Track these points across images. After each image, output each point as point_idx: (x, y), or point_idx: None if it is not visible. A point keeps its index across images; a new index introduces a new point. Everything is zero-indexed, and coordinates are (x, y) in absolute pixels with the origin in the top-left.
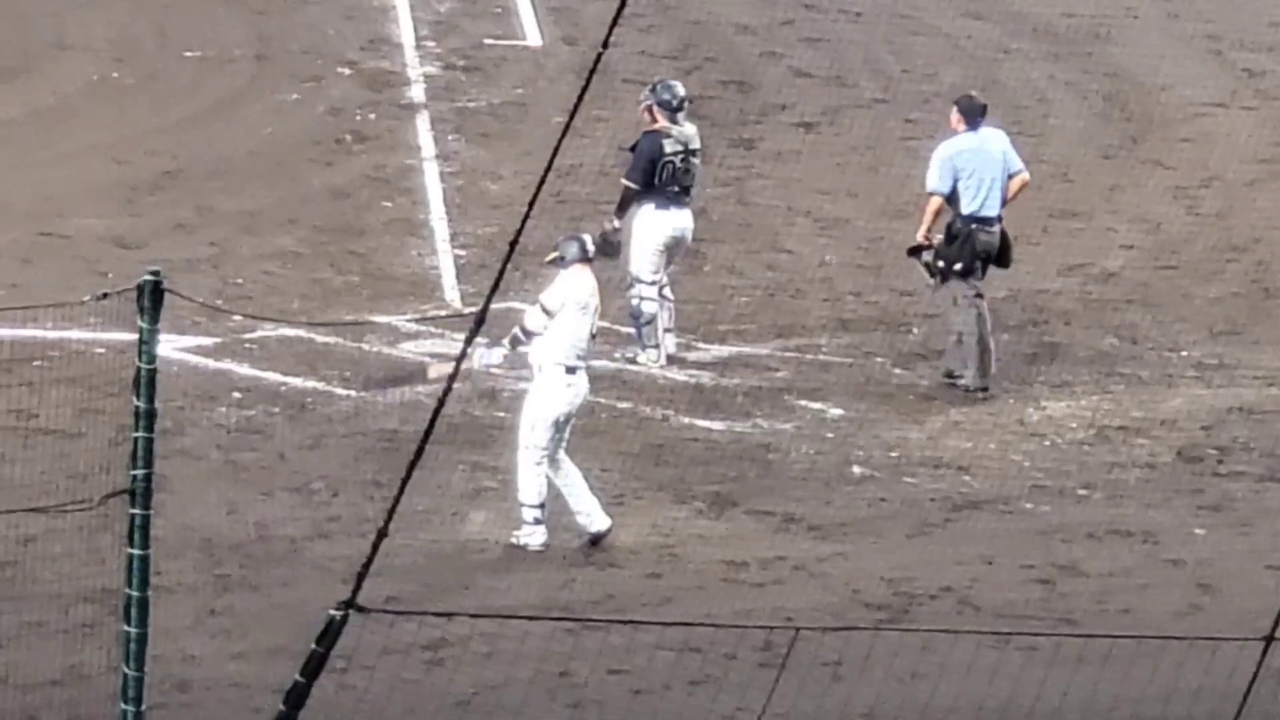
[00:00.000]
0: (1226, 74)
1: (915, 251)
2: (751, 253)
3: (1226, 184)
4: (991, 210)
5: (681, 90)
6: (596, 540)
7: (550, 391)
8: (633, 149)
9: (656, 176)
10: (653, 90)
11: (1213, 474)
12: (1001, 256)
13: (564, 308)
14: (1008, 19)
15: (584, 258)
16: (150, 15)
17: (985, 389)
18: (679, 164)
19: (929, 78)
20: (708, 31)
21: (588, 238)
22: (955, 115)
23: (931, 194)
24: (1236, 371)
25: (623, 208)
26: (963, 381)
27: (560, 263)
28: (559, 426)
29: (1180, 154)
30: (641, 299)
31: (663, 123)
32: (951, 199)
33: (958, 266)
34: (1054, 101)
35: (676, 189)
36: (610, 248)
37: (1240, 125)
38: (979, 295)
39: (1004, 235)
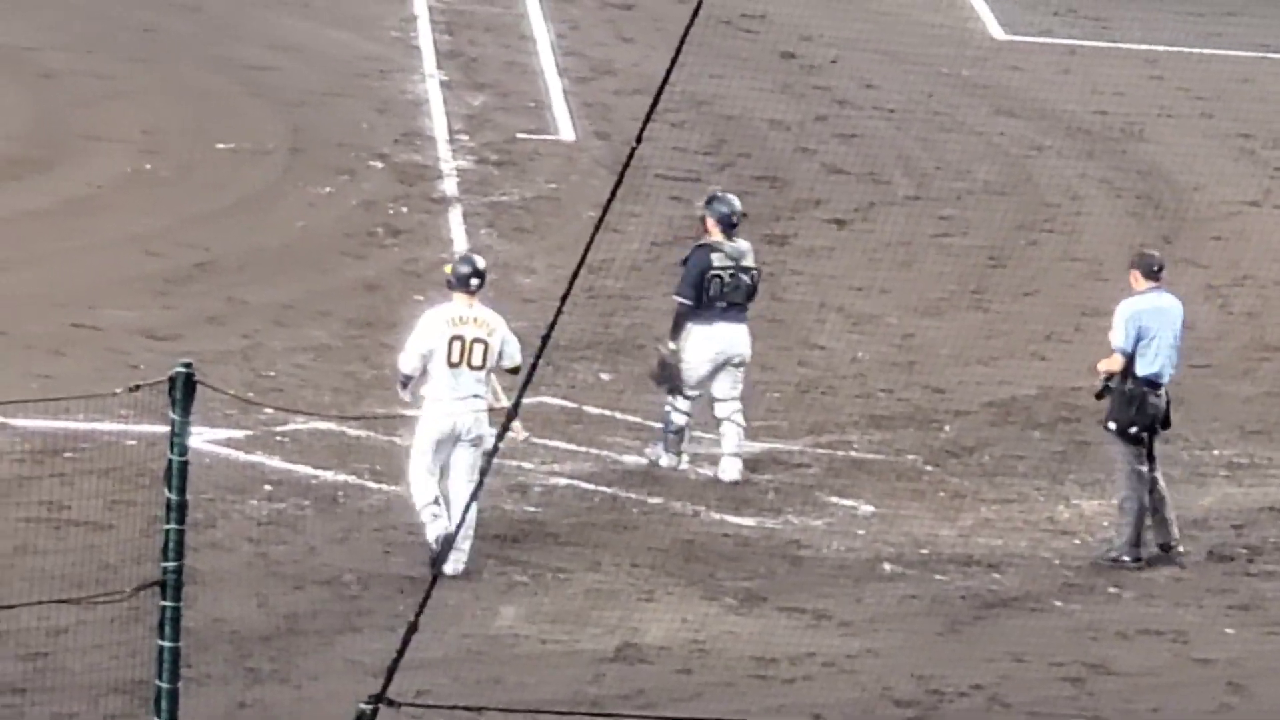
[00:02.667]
0: (1259, 173)
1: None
2: (783, 349)
3: (1259, 283)
4: (1165, 375)
5: (737, 204)
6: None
7: (421, 419)
8: (684, 263)
9: (704, 291)
10: (709, 202)
11: (1244, 573)
12: (1166, 419)
13: (424, 344)
14: (1040, 116)
15: (463, 286)
16: (184, 107)
17: (1139, 560)
18: (727, 278)
19: (962, 174)
20: (741, 127)
21: (480, 262)
22: (1134, 273)
23: (1117, 352)
24: (1268, 471)
25: (677, 327)
26: (1112, 553)
27: (447, 284)
28: (438, 448)
29: (1213, 252)
30: (673, 409)
31: (716, 236)
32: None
33: (1132, 430)
34: (1086, 199)
35: (725, 304)
36: (669, 372)
37: (1273, 224)
38: (1151, 459)
39: (1168, 397)
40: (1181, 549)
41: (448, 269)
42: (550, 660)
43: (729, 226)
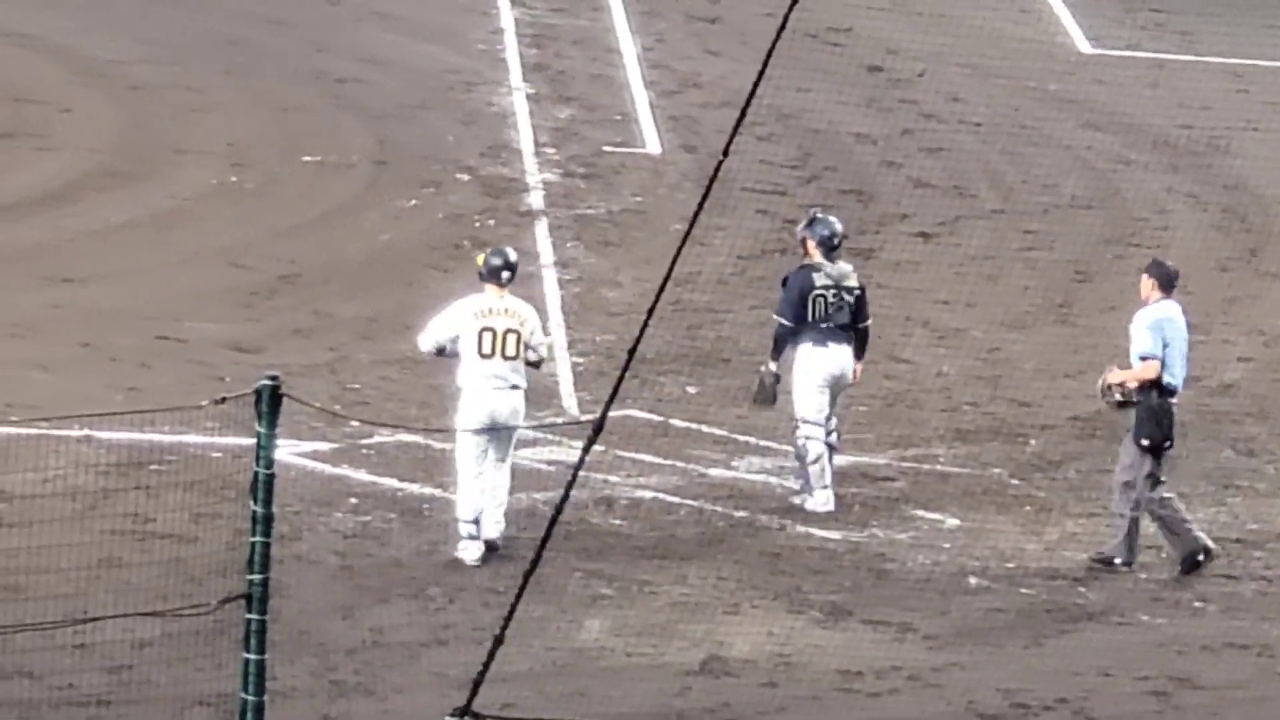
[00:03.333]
0: None
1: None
2: (869, 362)
3: None
4: (1180, 383)
5: (839, 227)
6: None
7: (460, 409)
8: (784, 283)
9: (809, 312)
10: (810, 224)
11: None
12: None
13: (446, 331)
14: (1127, 131)
15: (494, 278)
16: (270, 120)
17: (1129, 564)
18: (831, 299)
19: (1048, 188)
20: (827, 140)
21: (511, 255)
22: (1149, 283)
23: (1146, 359)
24: None
25: (777, 348)
26: (1106, 551)
27: (479, 275)
28: (477, 436)
29: None
30: (807, 439)
31: (817, 258)
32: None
33: (1166, 446)
34: (1172, 213)
35: (830, 325)
36: (767, 393)
37: None
38: (1160, 480)
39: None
40: (1217, 553)
41: (479, 260)
42: (635, 673)
43: (830, 248)
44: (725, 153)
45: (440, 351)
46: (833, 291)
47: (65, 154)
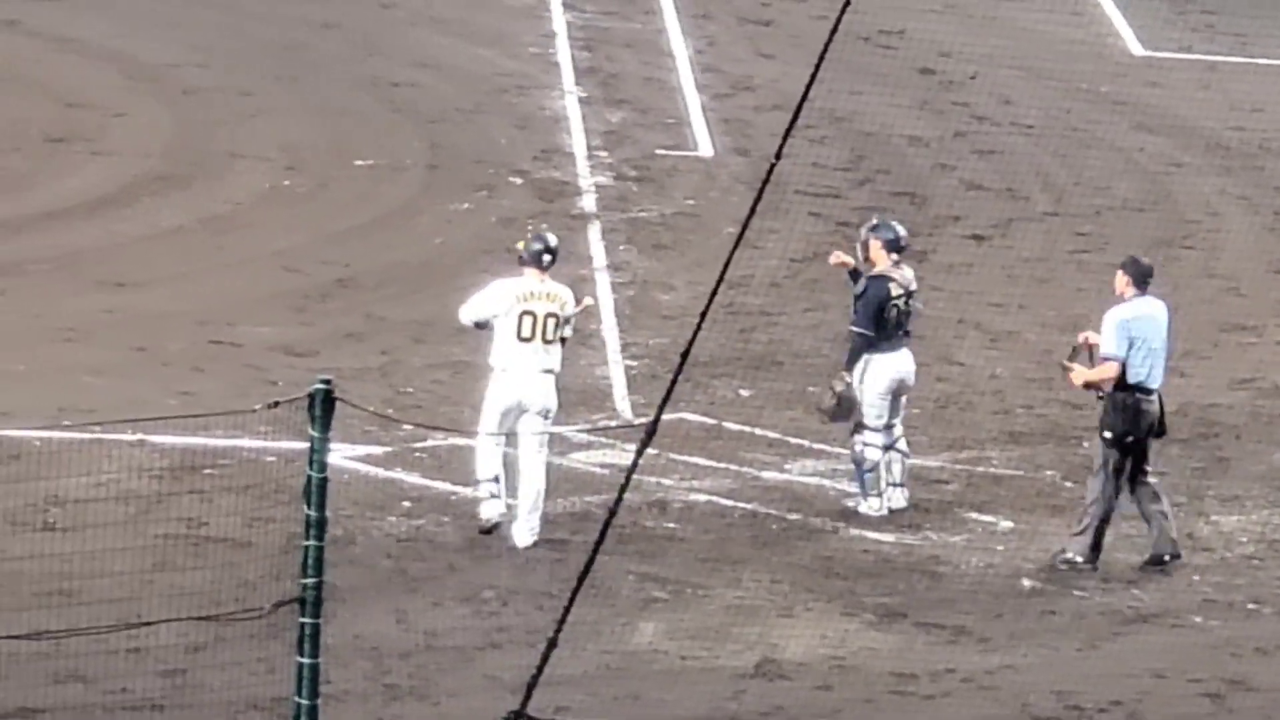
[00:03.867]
0: None
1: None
2: (922, 364)
3: None
4: (1155, 381)
5: (902, 230)
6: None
7: (490, 388)
8: (859, 295)
9: (885, 321)
10: (874, 228)
11: None
12: (1161, 427)
13: (487, 309)
14: (1179, 133)
15: (535, 262)
16: (322, 124)
17: (1093, 564)
18: (903, 306)
19: (1100, 191)
20: (880, 143)
21: (552, 239)
22: (1123, 279)
23: (1107, 359)
24: None
25: (854, 358)
26: (1067, 554)
27: (519, 260)
28: (504, 419)
29: None
30: (865, 445)
31: (885, 265)
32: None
33: (1128, 439)
34: (1224, 215)
35: (901, 332)
36: (846, 404)
37: None
38: (1145, 469)
39: (1161, 403)
40: (1181, 558)
41: (520, 245)
42: (689, 676)
43: (896, 250)
44: (778, 156)
45: (480, 325)
46: (904, 299)
47: (118, 158)
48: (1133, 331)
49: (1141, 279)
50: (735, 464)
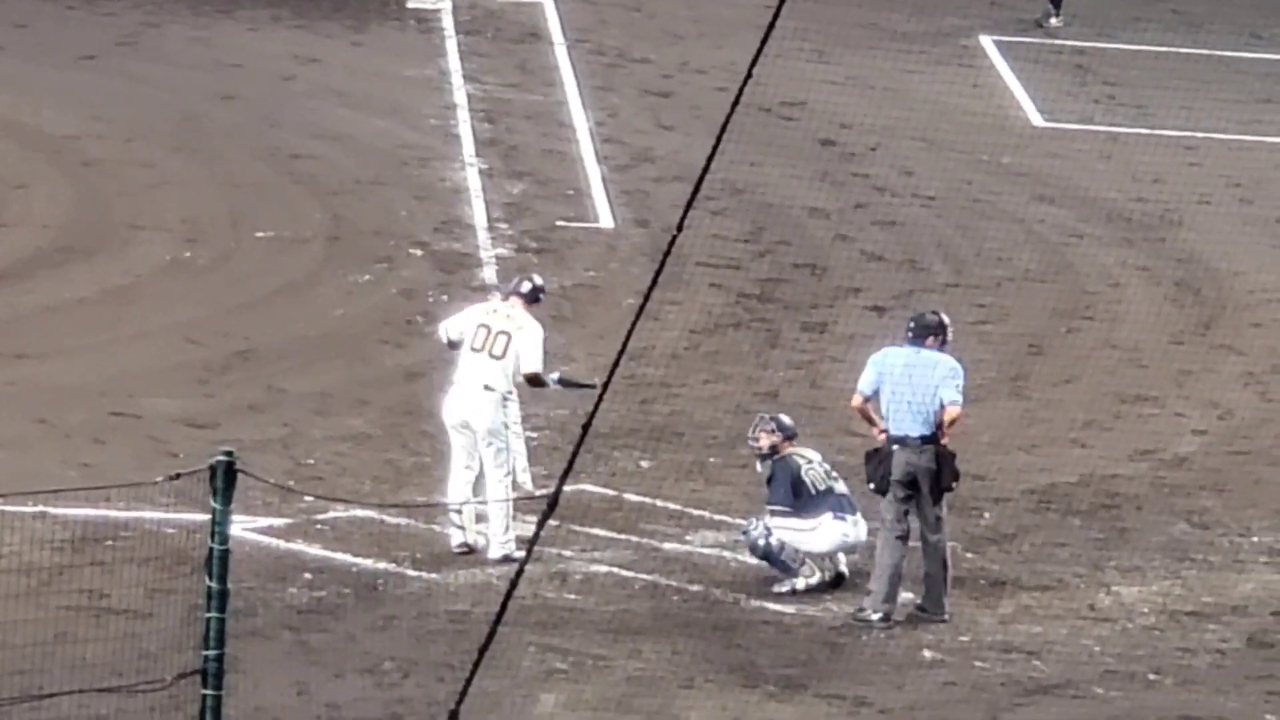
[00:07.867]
0: None
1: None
2: (822, 436)
3: None
4: (909, 433)
5: (788, 419)
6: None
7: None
8: (770, 480)
9: (804, 488)
10: (777, 426)
11: None
12: (937, 481)
13: (457, 326)
14: (1080, 204)
15: (512, 291)
16: (223, 196)
17: (887, 620)
18: (819, 469)
19: (1001, 262)
20: (780, 214)
21: (537, 279)
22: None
23: (856, 392)
24: None
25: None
26: (863, 611)
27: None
28: (460, 437)
29: (1252, 339)
30: (769, 530)
31: (787, 449)
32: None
33: (870, 486)
34: (1126, 286)
35: (837, 491)
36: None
37: None
38: (931, 522)
39: (940, 458)
40: (948, 621)
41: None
42: None
43: (790, 437)
44: (679, 227)
45: (453, 345)
46: (816, 464)
47: (18, 230)
48: (882, 372)
49: (916, 332)
50: (636, 535)
